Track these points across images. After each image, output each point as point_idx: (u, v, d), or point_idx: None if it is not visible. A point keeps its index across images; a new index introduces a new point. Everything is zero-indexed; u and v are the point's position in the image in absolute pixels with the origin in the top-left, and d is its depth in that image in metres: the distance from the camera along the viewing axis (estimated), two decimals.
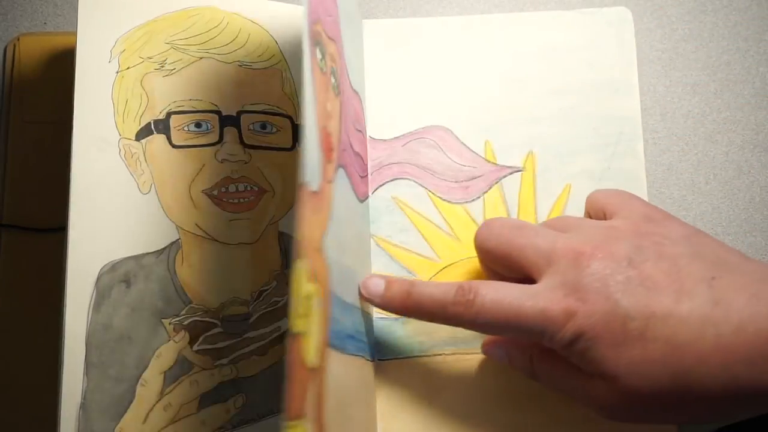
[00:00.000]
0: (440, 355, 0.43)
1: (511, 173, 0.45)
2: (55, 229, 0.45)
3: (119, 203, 0.43)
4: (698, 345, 0.34)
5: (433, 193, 0.45)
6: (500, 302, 0.37)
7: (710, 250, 0.37)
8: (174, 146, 0.44)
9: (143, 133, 0.44)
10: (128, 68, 0.45)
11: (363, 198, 0.44)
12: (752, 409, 0.35)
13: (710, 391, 0.34)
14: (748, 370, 0.33)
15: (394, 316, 0.43)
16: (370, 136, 0.46)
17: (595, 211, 0.43)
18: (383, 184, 0.45)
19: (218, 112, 0.45)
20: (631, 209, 0.40)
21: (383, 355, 0.43)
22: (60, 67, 0.48)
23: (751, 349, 0.33)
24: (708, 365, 0.34)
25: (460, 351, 0.43)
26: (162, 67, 0.45)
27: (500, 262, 0.41)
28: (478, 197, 0.45)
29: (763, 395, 0.34)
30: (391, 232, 0.45)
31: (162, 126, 0.44)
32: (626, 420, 0.37)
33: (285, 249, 0.44)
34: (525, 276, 0.39)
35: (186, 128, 0.44)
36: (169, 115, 0.44)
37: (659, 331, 0.35)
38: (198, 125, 0.44)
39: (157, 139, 0.44)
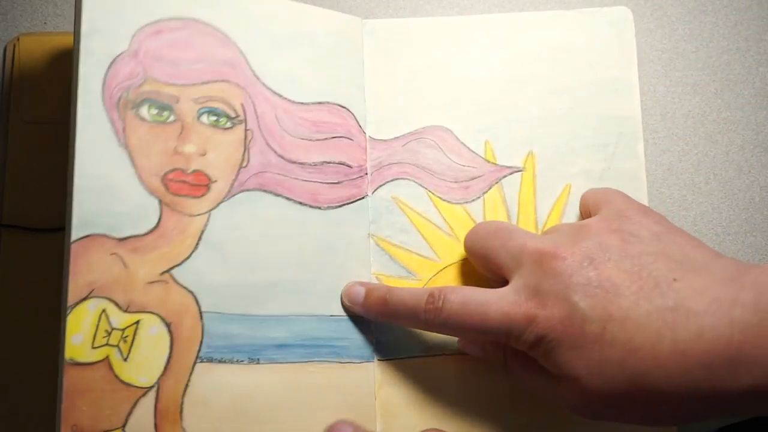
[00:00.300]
0: (440, 355, 0.43)
1: (511, 173, 0.45)
2: (55, 229, 0.45)
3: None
4: (655, 349, 0.34)
5: (433, 193, 0.45)
6: (467, 307, 0.38)
7: (678, 248, 0.37)
8: None
9: None
10: None
11: (338, 203, 0.43)
12: (717, 412, 0.35)
13: (670, 394, 0.34)
14: (708, 375, 0.33)
15: None
16: (370, 136, 0.45)
17: (585, 211, 0.43)
18: (383, 184, 0.45)
19: None
20: (610, 206, 0.40)
21: (384, 355, 0.43)
22: (60, 67, 0.48)
23: (709, 354, 0.33)
24: (665, 369, 0.34)
25: (461, 351, 0.43)
26: None
27: (481, 265, 0.42)
28: (478, 197, 0.45)
29: (728, 399, 0.33)
30: (391, 232, 0.44)
31: None
32: (594, 418, 0.37)
33: None
34: (502, 278, 0.40)
35: None
36: None
37: (616, 334, 0.35)
38: None
39: None
